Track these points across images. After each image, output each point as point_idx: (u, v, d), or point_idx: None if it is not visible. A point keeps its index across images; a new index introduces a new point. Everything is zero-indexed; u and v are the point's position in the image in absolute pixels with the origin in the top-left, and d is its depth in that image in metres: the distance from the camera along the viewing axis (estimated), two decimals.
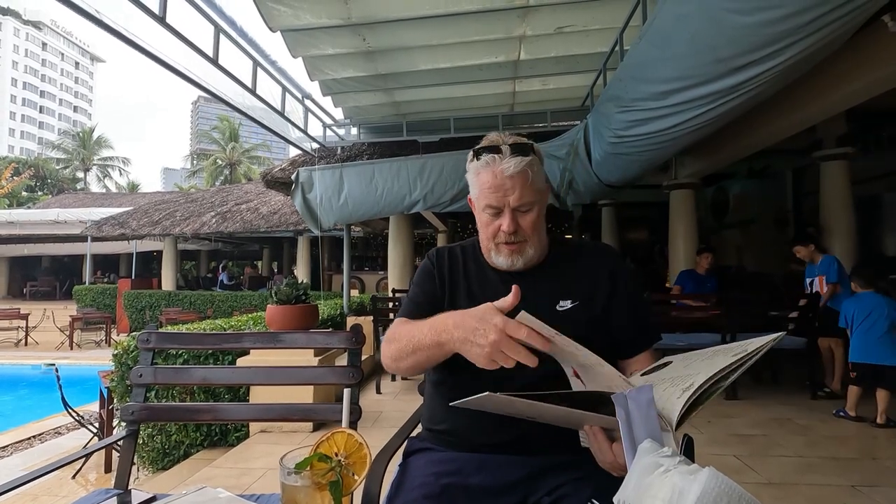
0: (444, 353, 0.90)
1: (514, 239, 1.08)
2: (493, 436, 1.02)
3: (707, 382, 0.69)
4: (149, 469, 3.68)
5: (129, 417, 1.37)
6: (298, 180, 5.34)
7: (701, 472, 0.53)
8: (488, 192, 1.06)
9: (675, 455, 0.59)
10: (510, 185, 1.05)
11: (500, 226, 1.07)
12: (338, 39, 3.84)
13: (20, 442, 5.06)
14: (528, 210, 1.07)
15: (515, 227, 1.07)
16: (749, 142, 4.78)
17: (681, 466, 0.57)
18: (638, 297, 1.17)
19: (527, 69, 4.67)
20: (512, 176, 1.04)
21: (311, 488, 0.61)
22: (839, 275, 4.22)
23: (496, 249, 1.11)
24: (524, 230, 1.08)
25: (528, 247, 1.09)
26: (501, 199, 1.06)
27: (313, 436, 3.35)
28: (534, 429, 0.99)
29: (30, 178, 35.48)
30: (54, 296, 18.68)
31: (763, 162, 7.89)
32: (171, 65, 3.17)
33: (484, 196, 1.08)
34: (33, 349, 11.53)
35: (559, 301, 1.09)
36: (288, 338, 1.52)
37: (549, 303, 1.09)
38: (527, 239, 1.09)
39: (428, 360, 0.96)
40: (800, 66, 2.22)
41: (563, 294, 1.10)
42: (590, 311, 1.09)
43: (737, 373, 0.70)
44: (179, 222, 13.72)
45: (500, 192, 1.05)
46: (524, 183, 1.05)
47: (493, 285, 1.14)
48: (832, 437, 3.11)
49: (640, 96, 3.07)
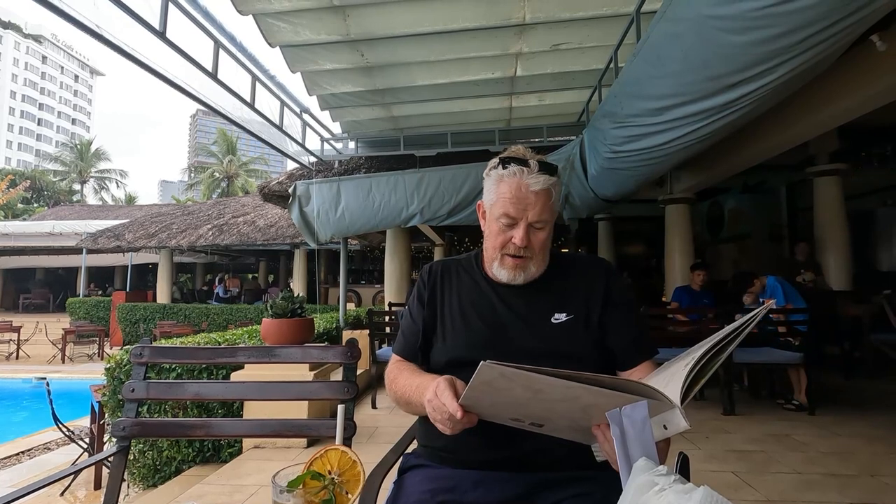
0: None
1: (522, 253, 1.09)
2: (490, 453, 1.01)
3: (707, 354, 0.72)
4: (139, 486, 3.61)
5: (121, 433, 1.36)
6: (296, 193, 5.35)
7: (696, 491, 0.53)
8: (508, 202, 1.07)
9: (671, 474, 0.59)
10: (533, 201, 1.06)
11: (512, 238, 1.08)
12: (336, 55, 3.88)
13: (8, 458, 4.97)
14: (542, 228, 1.09)
15: (527, 242, 1.08)
16: (743, 158, 4.83)
17: (676, 486, 0.56)
18: (633, 309, 1.17)
19: (523, 85, 4.72)
20: (537, 192, 1.06)
21: None
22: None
23: (500, 261, 1.12)
24: (534, 247, 1.09)
25: (531, 263, 1.11)
26: (521, 211, 1.06)
27: (307, 451, 3.30)
28: (532, 445, 0.98)
29: (26, 190, 35.38)
30: (48, 308, 18.53)
31: (758, 177, 7.98)
32: (171, 79, 3.19)
33: (502, 205, 1.08)
34: (24, 362, 11.40)
35: (554, 314, 1.10)
36: (283, 352, 1.51)
37: (544, 316, 1.10)
38: (533, 256, 1.10)
39: (423, 410, 0.97)
40: (791, 84, 2.25)
41: (558, 307, 1.11)
42: (585, 323, 1.10)
43: (733, 344, 0.74)
44: (176, 235, 13.68)
45: (522, 205, 1.06)
46: (546, 201, 1.07)
47: (488, 300, 1.15)
48: (832, 453, 3.09)
49: (635, 112, 3.10)
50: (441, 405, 0.85)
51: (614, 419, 0.69)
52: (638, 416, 0.67)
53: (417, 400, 0.99)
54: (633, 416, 0.67)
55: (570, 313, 1.10)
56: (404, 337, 1.21)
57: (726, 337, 0.73)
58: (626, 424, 0.67)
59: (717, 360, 0.73)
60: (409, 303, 1.25)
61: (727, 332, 0.73)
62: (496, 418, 0.85)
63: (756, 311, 0.74)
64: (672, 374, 0.74)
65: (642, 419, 0.67)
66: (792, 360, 4.05)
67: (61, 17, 2.37)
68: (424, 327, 1.17)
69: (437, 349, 1.15)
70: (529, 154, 1.10)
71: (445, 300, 1.19)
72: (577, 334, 1.09)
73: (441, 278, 1.22)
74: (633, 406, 0.68)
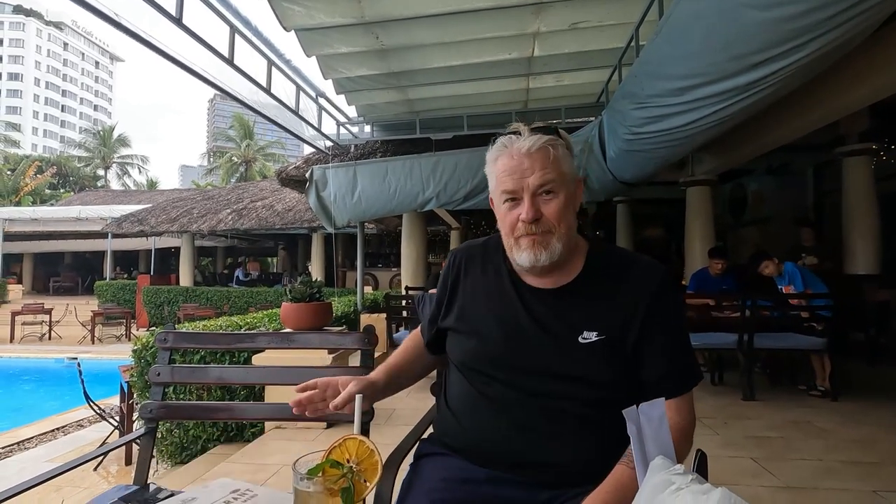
0: None
1: (535, 229, 0.92)
2: (508, 457, 0.95)
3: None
4: (167, 462, 3.75)
5: (148, 415, 1.41)
6: (312, 178, 5.38)
7: (714, 491, 0.52)
8: (504, 175, 0.94)
9: (688, 473, 0.58)
10: (528, 165, 0.91)
11: (520, 215, 0.92)
12: (351, 38, 3.85)
13: (44, 434, 5.21)
14: (552, 194, 0.92)
15: (537, 214, 0.91)
16: (768, 138, 4.68)
17: (693, 485, 0.55)
18: (679, 335, 0.96)
19: (541, 66, 4.63)
20: (530, 153, 0.91)
21: (323, 494, 0.63)
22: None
23: (516, 245, 0.95)
24: (548, 219, 0.92)
25: (553, 239, 0.92)
26: (519, 181, 0.92)
27: (328, 432, 3.38)
28: (546, 458, 0.93)
29: (52, 176, 36.31)
30: (76, 291, 19.14)
31: (783, 158, 7.73)
32: (188, 65, 3.22)
33: (501, 182, 0.95)
34: (56, 343, 11.84)
35: (583, 331, 0.93)
36: (301, 338, 1.53)
37: (572, 332, 0.93)
38: (553, 229, 0.92)
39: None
40: (819, 62, 2.17)
41: (589, 322, 0.93)
42: (617, 346, 0.93)
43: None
44: (196, 219, 13.93)
45: (518, 174, 0.92)
46: (545, 161, 0.91)
47: (509, 301, 1.00)
48: (854, 440, 3.04)
49: (656, 93, 3.03)
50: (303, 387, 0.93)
51: (631, 417, 0.68)
52: (655, 413, 0.66)
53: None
54: (650, 414, 0.66)
55: (601, 332, 0.92)
56: (423, 321, 1.18)
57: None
58: (643, 422, 0.66)
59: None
60: (437, 288, 1.16)
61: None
62: None
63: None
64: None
65: (659, 416, 0.65)
66: (815, 346, 3.97)
67: (81, 5, 2.39)
68: (440, 319, 1.11)
69: (451, 346, 1.09)
70: (526, 125, 0.95)
71: (465, 295, 1.07)
72: (606, 359, 0.92)
73: (464, 268, 1.10)
74: (651, 403, 0.67)
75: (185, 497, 1.10)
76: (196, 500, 1.08)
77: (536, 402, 0.93)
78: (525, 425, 0.93)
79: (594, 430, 0.91)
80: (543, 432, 0.93)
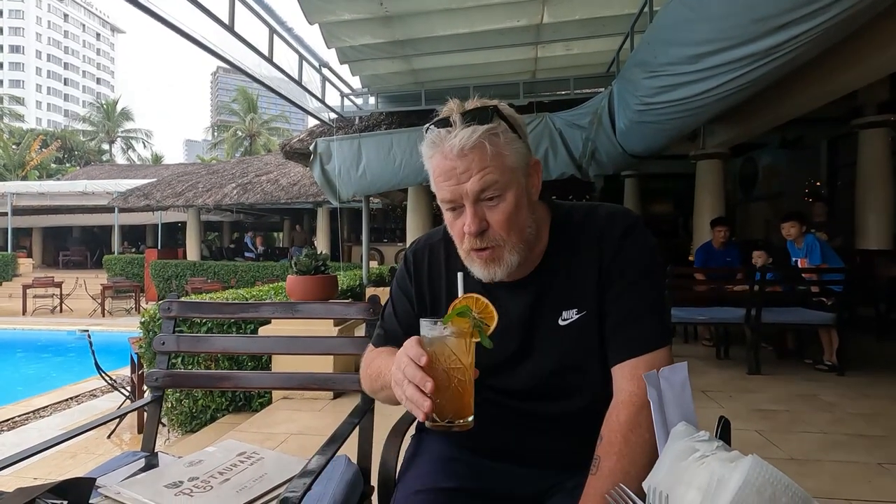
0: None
1: (483, 244, 0.80)
2: (508, 444, 0.93)
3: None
4: (178, 431, 3.84)
5: (154, 384, 1.41)
6: (317, 151, 5.31)
7: (743, 459, 0.49)
8: (440, 181, 0.79)
9: (713, 440, 0.55)
10: (463, 168, 0.76)
11: (464, 225, 0.79)
12: (354, 4, 3.74)
13: (59, 403, 5.34)
14: (497, 198, 0.78)
15: (482, 226, 0.78)
16: (785, 109, 4.55)
17: (719, 452, 0.52)
18: (636, 278, 0.83)
19: (549, 33, 4.49)
20: (464, 153, 0.76)
21: (454, 336, 0.71)
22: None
23: (468, 258, 0.84)
24: (495, 229, 0.79)
25: (506, 252, 0.80)
26: (455, 188, 0.77)
27: (334, 402, 3.43)
28: (545, 444, 0.91)
29: (57, 150, 36.26)
30: (86, 265, 19.32)
31: (797, 131, 7.55)
32: (188, 33, 3.14)
33: (438, 188, 0.80)
34: (67, 316, 12.03)
35: (562, 312, 0.85)
36: (306, 308, 1.52)
37: (552, 317, 0.85)
38: (502, 242, 0.80)
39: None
40: (845, 25, 2.07)
41: (566, 301, 0.85)
42: (599, 316, 0.84)
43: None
44: (202, 194, 13.91)
45: (453, 180, 0.77)
46: (482, 160, 0.76)
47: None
48: (860, 414, 3.04)
49: (670, 60, 2.92)
50: (407, 361, 0.69)
51: (651, 381, 0.65)
52: (677, 377, 0.63)
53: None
54: (672, 378, 0.63)
55: (581, 308, 0.83)
56: (383, 330, 1.01)
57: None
58: (664, 386, 0.63)
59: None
60: (392, 293, 1.02)
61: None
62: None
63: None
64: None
65: (682, 381, 0.63)
66: (823, 321, 3.94)
67: None
68: (410, 319, 0.95)
69: None
70: (460, 107, 0.79)
71: (427, 300, 0.96)
72: (590, 336, 0.84)
73: (422, 270, 0.97)
74: (672, 367, 0.64)
75: (192, 459, 1.11)
76: (202, 462, 1.09)
77: (531, 399, 0.90)
78: (520, 421, 0.91)
79: (595, 416, 0.84)
80: (539, 426, 0.90)
